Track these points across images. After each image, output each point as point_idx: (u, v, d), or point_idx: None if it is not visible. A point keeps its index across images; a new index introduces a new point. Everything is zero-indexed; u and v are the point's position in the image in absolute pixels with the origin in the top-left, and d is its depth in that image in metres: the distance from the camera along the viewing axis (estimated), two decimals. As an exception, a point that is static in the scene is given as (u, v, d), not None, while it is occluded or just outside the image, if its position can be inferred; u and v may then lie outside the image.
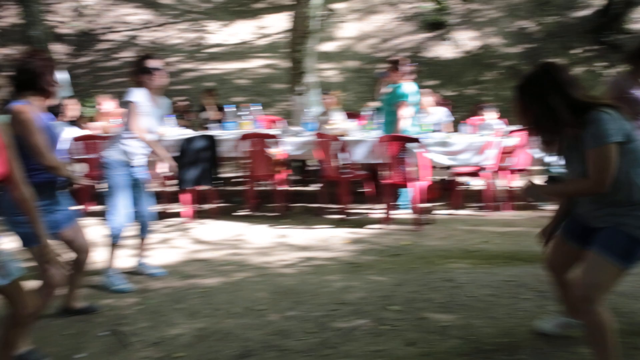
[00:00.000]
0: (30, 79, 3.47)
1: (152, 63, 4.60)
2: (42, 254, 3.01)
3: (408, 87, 6.74)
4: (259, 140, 6.90)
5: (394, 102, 6.72)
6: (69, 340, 3.66)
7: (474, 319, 3.83)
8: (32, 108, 3.43)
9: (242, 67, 15.61)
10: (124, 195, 4.55)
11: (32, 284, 3.52)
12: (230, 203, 7.78)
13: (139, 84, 4.62)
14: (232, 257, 5.39)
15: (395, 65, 6.79)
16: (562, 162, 3.00)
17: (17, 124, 3.35)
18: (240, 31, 17.10)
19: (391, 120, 6.82)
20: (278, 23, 17.07)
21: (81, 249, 3.84)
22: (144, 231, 4.84)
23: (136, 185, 4.63)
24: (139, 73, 4.62)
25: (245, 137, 6.98)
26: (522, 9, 16.24)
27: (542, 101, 2.80)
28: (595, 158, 2.72)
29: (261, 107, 8.64)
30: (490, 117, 8.26)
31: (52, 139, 3.48)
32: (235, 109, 8.43)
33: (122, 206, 4.55)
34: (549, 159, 6.16)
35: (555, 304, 3.51)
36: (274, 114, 11.45)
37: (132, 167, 4.60)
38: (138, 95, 4.55)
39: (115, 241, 4.58)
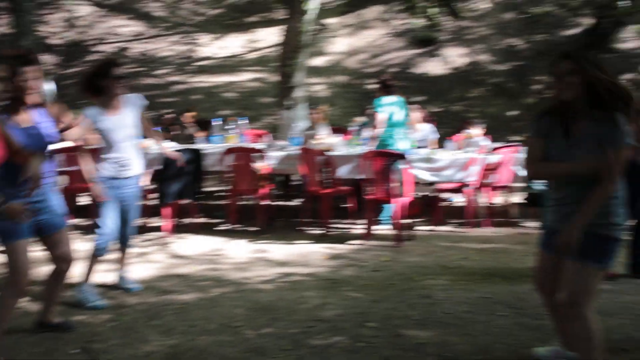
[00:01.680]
0: None
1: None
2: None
3: (384, 99, 6.91)
4: (244, 154, 6.89)
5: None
6: (38, 358, 3.59)
7: (450, 335, 3.82)
8: None
9: (230, 80, 15.62)
10: (113, 209, 4.48)
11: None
12: (212, 217, 7.73)
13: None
14: (210, 273, 5.35)
15: (378, 80, 7.06)
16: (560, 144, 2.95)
17: None
18: (231, 44, 17.13)
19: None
20: (269, 37, 17.11)
21: (63, 258, 3.73)
22: (124, 244, 4.74)
23: (124, 199, 4.54)
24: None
25: (230, 151, 6.97)
26: (511, 27, 16.36)
27: (594, 75, 2.84)
28: (618, 157, 2.77)
29: (248, 121, 8.63)
30: (476, 133, 8.29)
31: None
32: (221, 123, 8.42)
33: (109, 219, 4.48)
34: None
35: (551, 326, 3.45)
36: (260, 128, 11.44)
37: (121, 180, 4.49)
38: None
39: (98, 255, 4.49)
